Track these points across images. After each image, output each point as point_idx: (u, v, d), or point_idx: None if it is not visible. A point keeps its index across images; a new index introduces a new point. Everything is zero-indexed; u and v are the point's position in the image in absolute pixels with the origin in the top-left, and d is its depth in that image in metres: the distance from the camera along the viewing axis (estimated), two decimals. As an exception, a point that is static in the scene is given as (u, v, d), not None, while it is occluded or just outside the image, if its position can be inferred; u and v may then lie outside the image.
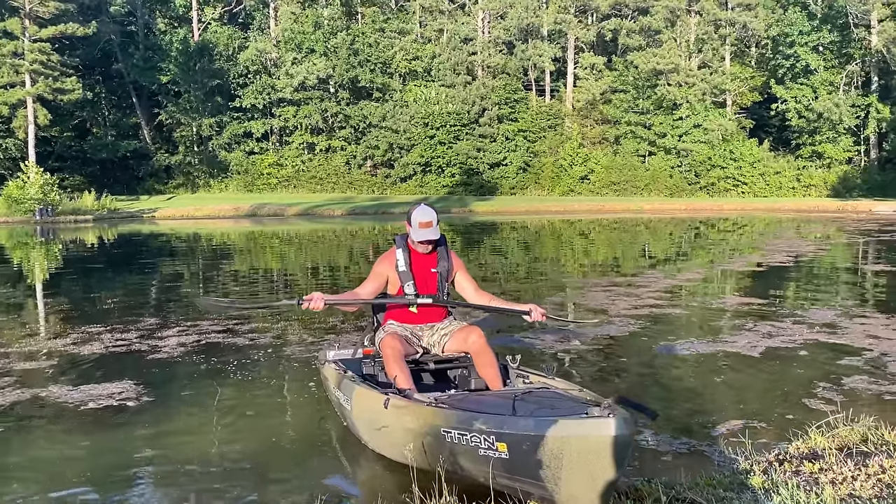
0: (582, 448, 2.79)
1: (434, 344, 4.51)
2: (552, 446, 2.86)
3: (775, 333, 7.61)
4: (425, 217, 4.35)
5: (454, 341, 4.43)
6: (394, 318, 4.56)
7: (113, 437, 4.75)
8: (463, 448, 3.24)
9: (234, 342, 7.50)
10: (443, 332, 4.50)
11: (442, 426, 3.34)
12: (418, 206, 4.45)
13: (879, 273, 12.96)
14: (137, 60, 48.94)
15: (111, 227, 29.13)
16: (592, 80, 48.59)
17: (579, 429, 2.81)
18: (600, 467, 2.77)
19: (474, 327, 4.45)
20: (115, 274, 14.31)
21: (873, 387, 5.59)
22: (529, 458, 2.95)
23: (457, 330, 4.47)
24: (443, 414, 3.39)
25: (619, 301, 9.79)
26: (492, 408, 3.35)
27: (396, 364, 4.12)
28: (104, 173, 46.98)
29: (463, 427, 3.22)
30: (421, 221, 4.34)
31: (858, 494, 3.13)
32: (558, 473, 2.88)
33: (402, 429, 3.64)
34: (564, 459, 2.84)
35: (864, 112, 42.91)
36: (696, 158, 44.81)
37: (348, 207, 37.60)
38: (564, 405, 3.27)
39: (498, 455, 3.09)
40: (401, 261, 4.44)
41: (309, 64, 47.17)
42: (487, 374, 4.25)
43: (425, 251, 4.47)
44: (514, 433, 3.00)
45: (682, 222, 28.52)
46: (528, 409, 3.25)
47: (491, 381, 4.24)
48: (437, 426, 3.38)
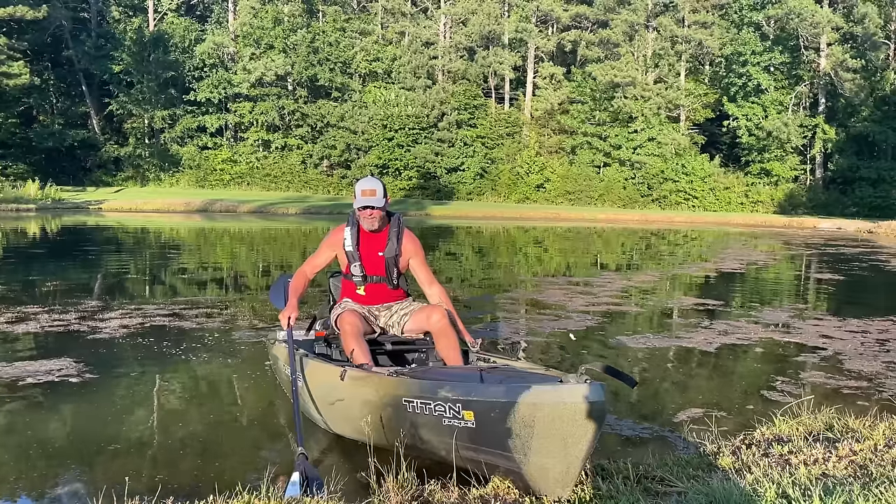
0: (556, 415, 2.67)
1: (393, 324, 4.34)
2: (524, 413, 2.73)
3: (731, 331, 7.63)
4: (369, 185, 4.18)
5: (414, 321, 4.26)
6: (347, 296, 4.44)
7: (49, 414, 4.44)
8: (426, 418, 3.09)
9: (180, 325, 7.19)
10: (402, 312, 4.34)
11: (403, 396, 3.18)
12: (364, 177, 4.32)
13: (827, 281, 13.23)
14: (89, 48, 47.50)
15: (55, 218, 28.07)
16: (551, 90, 48.99)
17: (554, 395, 2.68)
18: (574, 435, 2.66)
19: (437, 307, 4.25)
20: (56, 262, 13.70)
21: (831, 381, 5.60)
22: (498, 426, 2.81)
23: (417, 310, 4.30)
24: (405, 383, 3.24)
25: (576, 299, 9.74)
26: (458, 378, 3.22)
27: (354, 339, 3.94)
28: (49, 162, 45.38)
29: (427, 396, 3.06)
30: (364, 189, 4.17)
31: (832, 474, 3.06)
32: (528, 443, 2.75)
33: (361, 401, 3.47)
34: (536, 427, 2.71)
35: (812, 132, 44.21)
36: (649, 171, 45.51)
37: (303, 206, 37.05)
38: (533, 378, 3.15)
39: (464, 424, 2.95)
40: (348, 240, 4.28)
41: (267, 60, 46.46)
42: (448, 355, 4.08)
43: (371, 227, 4.24)
44: (483, 400, 2.86)
45: (635, 232, 28.86)
46: (496, 379, 3.13)
47: (451, 363, 4.07)
48: (398, 396, 3.22)
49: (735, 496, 2.75)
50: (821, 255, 19.61)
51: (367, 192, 4.15)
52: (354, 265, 4.28)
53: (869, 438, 3.71)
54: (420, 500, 3.01)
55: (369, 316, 4.32)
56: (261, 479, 3.15)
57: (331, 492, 3.07)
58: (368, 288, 4.33)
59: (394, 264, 4.31)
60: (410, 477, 3.11)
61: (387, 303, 4.38)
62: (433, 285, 4.41)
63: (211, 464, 3.75)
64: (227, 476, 3.57)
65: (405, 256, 4.35)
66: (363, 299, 4.36)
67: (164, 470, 3.66)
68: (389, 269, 4.31)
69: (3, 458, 3.77)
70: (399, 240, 4.30)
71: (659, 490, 3.05)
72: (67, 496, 3.37)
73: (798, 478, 2.98)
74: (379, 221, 4.24)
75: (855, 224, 34.12)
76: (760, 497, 2.78)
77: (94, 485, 3.43)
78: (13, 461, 3.73)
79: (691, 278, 13.37)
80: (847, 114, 43.36)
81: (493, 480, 3.16)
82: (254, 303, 8.94)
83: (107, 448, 3.93)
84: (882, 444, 3.62)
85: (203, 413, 4.57)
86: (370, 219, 4.20)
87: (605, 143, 46.81)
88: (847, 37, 42.98)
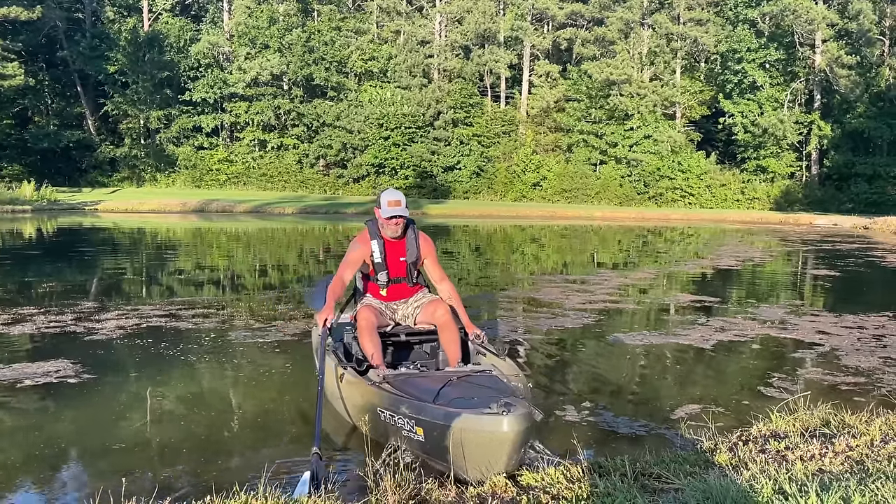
0: (478, 441, 3.17)
1: (408, 316, 4.87)
2: (456, 436, 3.22)
3: (727, 328, 7.64)
4: (394, 197, 4.63)
5: (424, 313, 4.79)
6: (371, 292, 4.90)
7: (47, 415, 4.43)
8: (393, 427, 3.60)
9: (177, 326, 7.18)
10: (415, 304, 4.87)
11: (378, 405, 3.69)
12: (387, 189, 4.76)
13: (823, 277, 13.26)
14: (84, 48, 47.34)
15: (51, 219, 27.99)
16: (547, 88, 48.98)
17: (476, 423, 3.18)
18: (495, 457, 3.15)
19: (441, 302, 4.74)
20: (52, 263, 13.67)
21: (827, 377, 5.61)
22: (440, 443, 3.31)
23: (427, 303, 4.82)
24: (379, 395, 3.71)
25: (573, 297, 9.74)
26: (422, 391, 3.68)
27: (367, 334, 4.44)
28: (45, 164, 45.27)
29: (392, 409, 3.57)
30: (390, 200, 4.60)
31: (829, 470, 3.07)
32: (462, 458, 3.25)
33: (352, 403, 4.04)
34: (465, 448, 3.21)
35: (807, 129, 44.25)
36: (645, 169, 45.52)
37: (300, 206, 37.00)
38: (484, 394, 3.52)
39: (416, 437, 3.46)
40: (376, 252, 4.71)
41: (263, 59, 46.37)
42: (449, 349, 4.58)
43: (394, 235, 4.69)
44: (429, 420, 3.36)
45: (632, 230, 28.87)
46: (450, 394, 3.59)
47: (451, 355, 4.54)
48: (375, 405, 3.72)
49: (732, 492, 2.75)
50: (817, 251, 19.65)
51: (393, 202, 4.60)
52: (381, 273, 4.76)
53: (865, 434, 3.71)
54: (417, 500, 3.01)
55: (386, 311, 4.82)
56: (258, 480, 3.15)
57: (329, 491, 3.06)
58: (391, 289, 4.83)
59: (414, 267, 4.85)
60: (408, 476, 3.11)
61: (405, 298, 4.89)
62: (443, 281, 4.90)
63: (208, 464, 3.75)
64: (224, 476, 3.57)
65: (422, 256, 4.87)
66: (385, 298, 4.86)
67: (162, 470, 3.65)
68: (410, 271, 4.84)
69: (3, 459, 3.76)
70: (417, 244, 4.82)
71: (656, 487, 3.05)
72: (66, 496, 3.36)
73: (794, 474, 2.99)
74: (402, 229, 4.72)
75: (851, 220, 34.17)
76: (757, 493, 2.78)
77: (92, 485, 3.43)
78: (13, 462, 3.72)
79: (688, 275, 13.38)
80: (842, 110, 43.43)
81: (490, 479, 3.17)
82: (250, 303, 8.94)
83: (104, 449, 3.92)
84: (878, 439, 3.62)
85: (199, 414, 4.57)
86: (395, 227, 4.65)
87: (601, 140, 46.83)
88: (842, 33, 43.02)
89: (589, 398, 5.00)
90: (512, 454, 3.16)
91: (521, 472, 3.28)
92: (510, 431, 3.10)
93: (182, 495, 3.28)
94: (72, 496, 3.36)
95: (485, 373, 4.04)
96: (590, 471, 3.18)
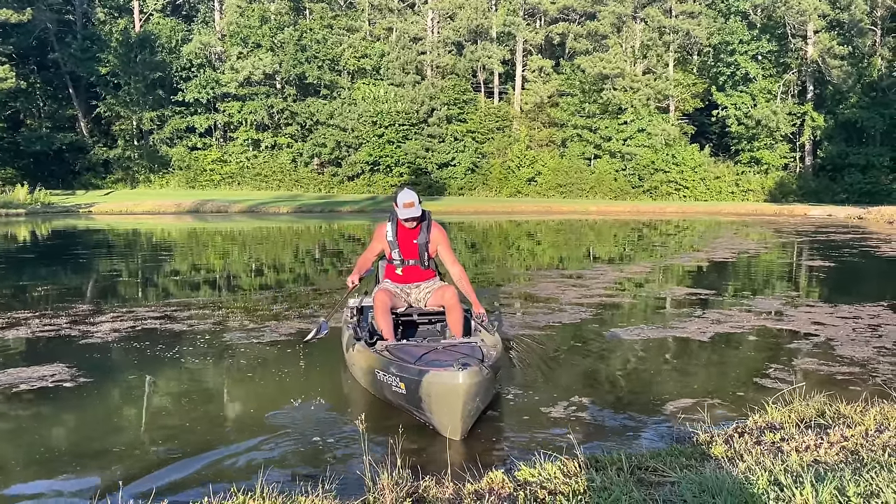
0: (439, 391, 3.96)
1: (420, 299, 5.65)
2: (425, 389, 4.03)
3: (723, 320, 7.66)
4: (407, 199, 5.38)
5: (434, 297, 5.60)
6: (388, 276, 5.72)
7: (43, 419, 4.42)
8: (386, 385, 4.41)
9: (172, 328, 7.16)
10: (427, 289, 5.65)
11: (376, 368, 4.50)
12: (403, 190, 5.47)
13: (818, 268, 13.30)
14: (75, 50, 47.18)
15: (45, 222, 27.91)
16: (540, 83, 48.97)
17: (438, 377, 3.98)
18: (452, 405, 3.92)
19: (449, 287, 5.58)
20: (47, 266, 13.63)
21: (823, 368, 5.63)
22: (415, 395, 4.12)
23: (437, 288, 5.63)
24: (378, 359, 4.52)
25: (569, 291, 9.76)
26: (410, 356, 4.50)
27: (381, 314, 5.28)
28: (38, 166, 45.15)
29: (385, 370, 4.38)
30: (404, 202, 5.37)
31: (824, 461, 3.08)
32: (431, 407, 4.05)
33: (360, 367, 4.89)
34: (432, 398, 4.01)
35: (800, 120, 44.34)
36: (639, 162, 45.56)
37: (295, 205, 36.97)
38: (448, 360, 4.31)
39: (401, 391, 4.25)
40: (389, 232, 5.55)
41: (255, 59, 46.28)
42: (453, 327, 5.44)
43: (410, 226, 5.50)
44: (408, 377, 4.16)
45: (627, 224, 28.91)
46: (430, 358, 4.46)
47: (454, 332, 5.42)
48: (374, 368, 4.54)
49: (727, 484, 2.76)
50: (811, 242, 19.70)
51: (408, 204, 5.38)
52: (395, 251, 5.55)
53: (860, 424, 3.73)
54: (415, 497, 3.02)
55: (401, 294, 5.60)
56: (255, 480, 3.14)
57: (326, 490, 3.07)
58: (405, 269, 5.59)
59: (425, 250, 5.57)
60: (405, 474, 3.11)
61: (417, 282, 5.65)
62: (454, 266, 5.64)
63: (205, 465, 3.74)
64: (221, 476, 3.57)
65: (434, 244, 5.61)
66: (401, 279, 5.63)
67: (158, 472, 3.65)
68: (422, 253, 5.56)
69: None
70: (429, 231, 5.58)
71: (652, 480, 3.06)
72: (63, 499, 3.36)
73: (790, 465, 3.00)
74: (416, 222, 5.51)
75: (845, 210, 34.27)
76: (752, 485, 2.79)
77: (89, 488, 3.42)
78: (10, 466, 3.71)
79: (683, 268, 13.41)
80: (835, 101, 43.51)
81: (488, 475, 3.17)
82: (245, 304, 8.93)
83: (101, 451, 3.92)
84: (873, 429, 3.64)
85: (195, 415, 4.56)
86: (410, 223, 5.48)
87: (595, 135, 46.86)
88: (834, 24, 43.08)
89: (585, 393, 5.01)
90: (466, 403, 3.91)
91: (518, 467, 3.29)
92: (463, 384, 3.87)
93: (179, 496, 3.28)
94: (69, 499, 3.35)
95: (469, 344, 4.84)
96: (586, 465, 3.18)
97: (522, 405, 4.77)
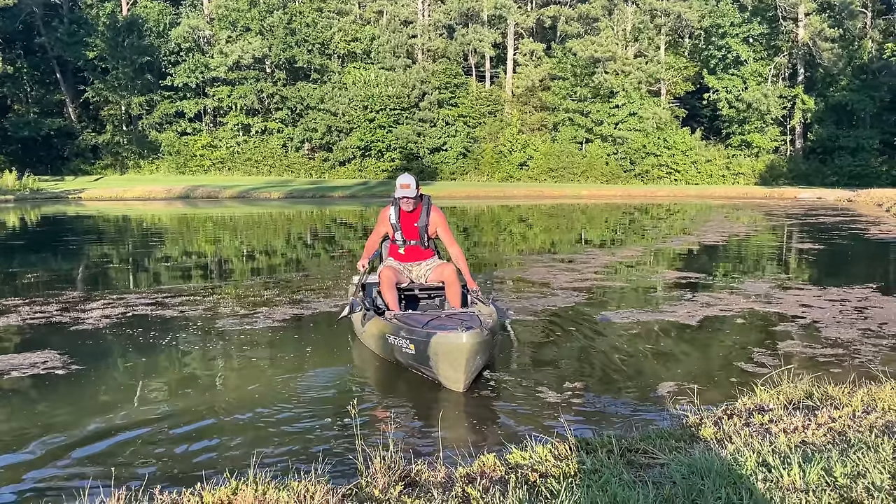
0: (446, 350, 4.62)
1: (421, 276, 6.22)
2: (433, 348, 4.70)
3: (713, 303, 7.71)
4: (405, 181, 5.97)
5: (435, 274, 6.15)
6: (392, 255, 6.28)
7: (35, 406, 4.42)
8: (397, 347, 5.08)
9: (163, 314, 7.16)
10: (427, 267, 6.23)
11: (387, 333, 5.20)
12: (402, 174, 6.16)
13: (807, 251, 13.38)
14: (62, 34, 46.62)
15: (34, 208, 27.71)
16: (532, 67, 48.78)
17: (443, 339, 4.64)
18: (457, 361, 4.59)
19: (448, 264, 6.14)
20: (36, 253, 13.56)
21: (809, 350, 5.69)
22: (423, 354, 4.78)
23: (437, 265, 6.20)
24: (389, 325, 5.21)
25: (561, 276, 9.79)
26: (414, 324, 5.07)
27: (387, 289, 5.83)
28: (26, 152, 44.73)
29: (395, 334, 5.08)
30: (402, 184, 5.95)
31: (812, 441, 3.12)
32: (437, 363, 4.71)
33: (371, 335, 5.54)
34: (439, 356, 4.67)
35: (791, 103, 44.40)
36: (631, 146, 45.57)
37: (286, 191, 36.80)
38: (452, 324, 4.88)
39: (410, 352, 4.92)
40: (392, 215, 6.11)
41: (244, 42, 45.88)
42: (452, 299, 5.96)
43: (408, 209, 6.00)
44: (417, 339, 4.84)
45: (618, 208, 28.96)
46: (433, 325, 4.99)
47: (454, 304, 5.90)
48: (385, 333, 5.23)
49: (716, 466, 2.80)
50: (801, 225, 19.80)
51: (404, 185, 5.93)
52: (397, 233, 6.10)
53: (847, 405, 3.77)
54: (407, 481, 3.04)
55: (404, 271, 6.16)
56: (247, 466, 3.16)
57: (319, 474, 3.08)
58: (407, 249, 6.15)
59: (424, 231, 6.10)
60: (398, 458, 3.13)
61: (418, 260, 6.21)
62: (453, 246, 6.17)
63: (197, 451, 3.76)
64: (213, 463, 3.58)
65: (433, 225, 6.14)
66: (403, 257, 6.19)
67: (151, 458, 3.66)
68: (422, 234, 6.11)
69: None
70: (428, 213, 6.10)
71: (642, 462, 3.09)
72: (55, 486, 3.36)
73: (778, 446, 3.03)
74: (413, 204, 6.00)
75: (835, 193, 34.42)
76: (741, 466, 2.83)
77: (81, 475, 3.43)
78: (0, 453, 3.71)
79: (674, 252, 13.46)
80: (826, 83, 43.56)
81: (479, 458, 3.20)
82: (237, 289, 8.92)
83: (93, 438, 3.92)
84: (860, 410, 3.68)
85: (187, 401, 4.57)
86: (406, 203, 5.97)
87: (586, 119, 46.80)
88: (824, 6, 43.01)
89: (576, 376, 5.05)
90: (469, 359, 4.56)
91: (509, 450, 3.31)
92: (467, 343, 4.53)
93: (172, 483, 3.29)
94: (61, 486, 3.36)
95: (468, 313, 5.37)
96: (577, 448, 3.21)
97: (514, 389, 4.80)
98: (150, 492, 2.94)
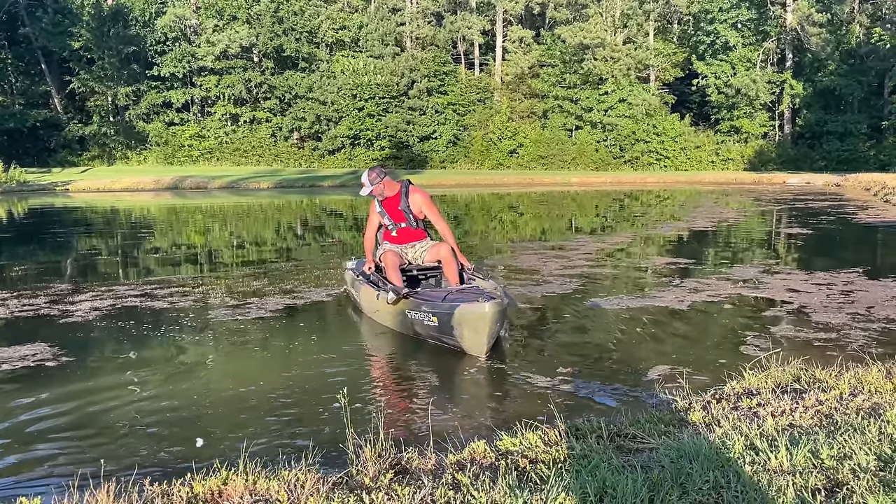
0: (470, 319, 5.10)
1: (417, 257, 6.56)
2: (457, 318, 5.16)
3: (701, 289, 7.74)
4: (363, 179, 6.42)
5: (430, 254, 6.50)
6: (387, 239, 6.61)
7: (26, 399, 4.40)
8: (417, 321, 5.56)
9: (152, 305, 7.13)
10: (422, 248, 6.57)
11: (406, 309, 5.66)
12: (366, 169, 6.52)
13: (795, 236, 13.45)
14: (46, 24, 46.13)
15: (21, 201, 27.49)
16: (521, 54, 48.66)
17: (469, 308, 5.10)
18: (479, 326, 5.07)
19: (444, 244, 6.42)
20: (24, 245, 13.46)
21: (798, 334, 5.73)
22: (447, 324, 5.25)
23: (432, 246, 6.53)
24: (408, 301, 5.64)
25: (551, 263, 9.80)
26: (434, 298, 5.56)
27: (393, 270, 6.18)
28: (12, 144, 44.33)
29: (416, 309, 5.53)
30: (361, 183, 6.42)
31: (799, 424, 3.14)
32: (461, 332, 5.18)
33: (386, 311, 5.93)
34: (462, 325, 5.14)
35: (779, 88, 44.51)
36: (620, 133, 45.60)
37: (275, 180, 36.63)
38: (473, 297, 5.36)
39: (432, 323, 5.40)
40: (377, 205, 6.51)
41: (231, 31, 45.54)
42: (450, 276, 6.29)
43: (381, 197, 6.41)
44: (440, 312, 5.31)
45: (608, 195, 29.01)
46: (452, 298, 5.45)
47: (452, 281, 6.23)
48: (403, 309, 5.69)
49: (704, 450, 2.82)
50: (790, 210, 19.90)
51: (363, 184, 6.34)
52: (385, 218, 6.50)
53: (835, 388, 3.80)
54: (398, 469, 3.04)
55: (401, 252, 6.48)
56: (238, 456, 3.16)
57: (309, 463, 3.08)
58: (399, 231, 6.50)
59: (409, 212, 6.44)
60: (388, 446, 3.14)
61: (411, 242, 6.53)
62: (439, 222, 6.52)
63: (187, 441, 3.76)
64: (203, 453, 3.58)
65: (416, 205, 6.45)
66: (396, 240, 6.54)
67: (141, 449, 3.66)
68: (408, 215, 6.46)
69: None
70: (408, 195, 6.44)
71: (631, 447, 3.11)
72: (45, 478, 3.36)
73: (766, 429, 3.06)
74: (387, 189, 6.38)
75: (823, 178, 34.58)
76: (729, 449, 2.85)
77: (71, 466, 3.42)
78: (-13, 448, 3.70)
79: (664, 238, 13.50)
80: (814, 68, 43.66)
81: (469, 445, 3.21)
82: (227, 280, 8.89)
83: (83, 430, 3.91)
84: (847, 392, 3.72)
85: (178, 392, 4.56)
86: (378, 192, 6.38)
87: (576, 106, 46.76)
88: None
89: (566, 362, 5.07)
90: (491, 327, 5.06)
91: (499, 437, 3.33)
92: (489, 312, 5.01)
93: (162, 473, 3.29)
94: (51, 478, 3.35)
95: (474, 288, 5.87)
96: (567, 434, 3.23)
97: (504, 376, 4.82)
98: (139, 483, 2.94)
